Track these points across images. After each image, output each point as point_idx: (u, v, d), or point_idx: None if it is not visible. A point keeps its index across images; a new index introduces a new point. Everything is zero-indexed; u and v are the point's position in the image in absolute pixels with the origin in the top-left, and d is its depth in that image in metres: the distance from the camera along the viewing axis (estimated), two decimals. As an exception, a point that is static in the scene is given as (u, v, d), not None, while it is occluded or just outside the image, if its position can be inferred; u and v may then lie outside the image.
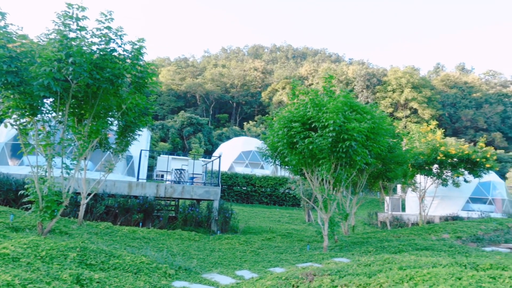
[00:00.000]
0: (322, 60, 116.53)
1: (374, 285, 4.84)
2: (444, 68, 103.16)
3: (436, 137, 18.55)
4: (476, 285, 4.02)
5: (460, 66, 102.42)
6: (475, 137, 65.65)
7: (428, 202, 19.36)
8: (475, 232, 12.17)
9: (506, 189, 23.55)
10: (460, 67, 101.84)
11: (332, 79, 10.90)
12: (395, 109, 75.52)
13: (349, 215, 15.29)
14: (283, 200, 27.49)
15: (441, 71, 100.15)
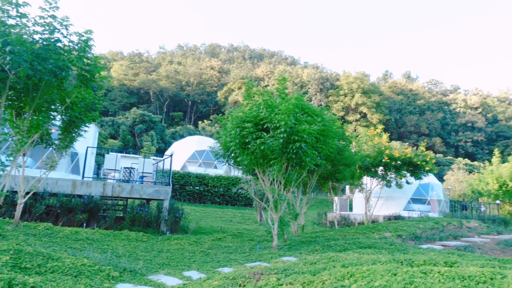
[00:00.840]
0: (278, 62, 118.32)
1: (318, 283, 4.99)
2: (392, 75, 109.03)
3: (382, 141, 19.51)
4: (409, 280, 4.27)
5: (406, 74, 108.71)
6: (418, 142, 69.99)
7: (373, 202, 20.32)
8: (414, 230, 12.96)
9: (443, 191, 25.34)
10: (406, 75, 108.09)
11: (285, 81, 11.08)
12: (346, 113, 78.57)
13: (299, 214, 15.66)
14: (236, 200, 27.53)
15: (389, 78, 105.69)
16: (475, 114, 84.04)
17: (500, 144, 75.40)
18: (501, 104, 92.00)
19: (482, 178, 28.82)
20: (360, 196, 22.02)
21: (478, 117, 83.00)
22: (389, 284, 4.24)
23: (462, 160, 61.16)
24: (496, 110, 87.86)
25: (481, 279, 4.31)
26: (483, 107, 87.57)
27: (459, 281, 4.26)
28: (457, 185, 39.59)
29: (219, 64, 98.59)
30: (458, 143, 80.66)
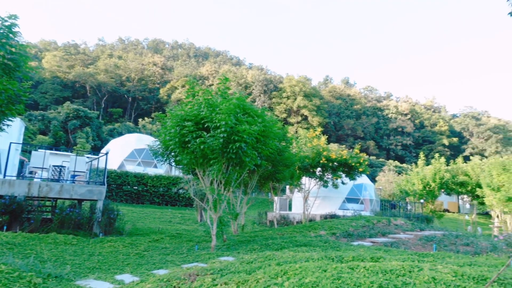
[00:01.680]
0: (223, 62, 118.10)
1: (252, 282, 5.05)
2: (332, 80, 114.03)
3: (320, 143, 20.31)
4: (337, 276, 4.48)
5: (345, 80, 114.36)
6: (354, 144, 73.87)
7: (311, 202, 21.06)
8: (347, 228, 13.65)
9: (375, 191, 27.02)
10: (345, 81, 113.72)
11: (227, 81, 11.08)
12: (289, 115, 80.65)
13: (239, 214, 15.74)
14: (176, 200, 26.96)
15: (330, 83, 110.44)
16: (405, 120, 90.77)
17: (426, 148, 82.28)
18: (427, 111, 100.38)
19: (409, 179, 31.20)
20: (299, 196, 22.70)
21: (407, 122, 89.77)
22: (319, 280, 4.41)
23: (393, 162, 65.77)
24: (423, 116, 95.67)
25: (401, 272, 4.65)
26: (412, 113, 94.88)
27: (382, 275, 4.55)
28: (387, 186, 42.43)
29: (162, 60, 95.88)
30: (389, 146, 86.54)
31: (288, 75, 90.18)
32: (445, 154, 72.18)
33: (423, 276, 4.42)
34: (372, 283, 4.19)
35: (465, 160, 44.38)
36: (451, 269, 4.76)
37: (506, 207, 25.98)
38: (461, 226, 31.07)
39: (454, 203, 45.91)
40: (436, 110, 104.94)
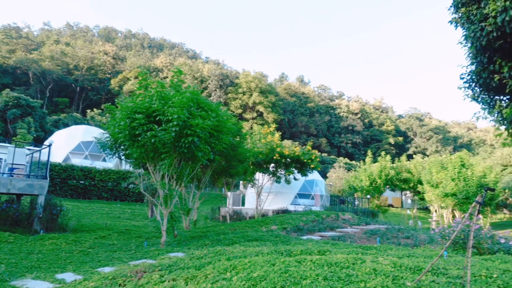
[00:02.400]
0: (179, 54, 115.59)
1: (201, 277, 5.01)
2: (288, 78, 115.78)
3: (274, 139, 20.56)
4: (284, 269, 4.57)
5: (300, 78, 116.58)
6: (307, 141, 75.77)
7: (264, 197, 21.31)
8: (298, 223, 13.97)
9: (325, 186, 27.89)
10: (300, 79, 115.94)
11: (181, 74, 10.85)
12: (244, 111, 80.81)
13: (192, 210, 15.56)
14: (126, 195, 26.06)
15: (285, 80, 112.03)
16: (355, 119, 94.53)
17: (374, 146, 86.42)
18: (376, 111, 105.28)
19: (357, 175, 32.59)
20: (252, 191, 22.85)
21: (358, 121, 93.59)
22: (267, 274, 4.47)
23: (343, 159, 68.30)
24: (371, 116, 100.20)
25: (345, 264, 4.84)
26: (362, 113, 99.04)
27: (327, 267, 4.71)
28: (337, 182, 44.01)
29: (114, 49, 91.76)
30: (340, 144, 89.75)
31: (245, 71, 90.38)
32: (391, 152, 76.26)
33: (365, 268, 4.63)
34: (318, 275, 4.32)
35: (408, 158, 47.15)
36: (391, 261, 5.04)
37: (443, 203, 27.98)
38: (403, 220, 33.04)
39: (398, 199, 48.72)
40: (384, 111, 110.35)
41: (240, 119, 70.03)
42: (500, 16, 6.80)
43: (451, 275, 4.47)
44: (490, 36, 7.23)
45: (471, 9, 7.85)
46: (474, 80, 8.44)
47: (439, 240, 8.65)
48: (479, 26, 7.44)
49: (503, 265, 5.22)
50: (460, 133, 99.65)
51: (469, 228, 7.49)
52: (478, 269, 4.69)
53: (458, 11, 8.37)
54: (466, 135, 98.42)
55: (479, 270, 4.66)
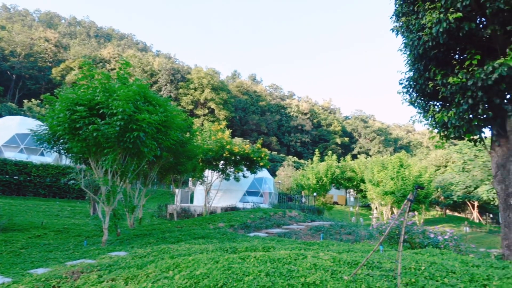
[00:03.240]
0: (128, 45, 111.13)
1: (142, 276, 4.87)
2: (240, 76, 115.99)
3: (224, 136, 20.50)
4: (228, 266, 4.58)
5: (252, 76, 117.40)
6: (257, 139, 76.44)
7: (213, 194, 21.19)
8: (245, 220, 14.07)
9: (274, 184, 28.37)
10: (252, 77, 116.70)
11: (128, 66, 10.44)
12: (195, 107, 79.71)
13: (137, 207, 15.06)
14: (66, 192, 24.58)
15: (237, 78, 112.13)
16: (304, 119, 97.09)
17: (321, 145, 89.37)
18: (324, 112, 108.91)
19: (305, 174, 33.54)
20: (201, 188, 22.64)
21: (307, 121, 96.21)
22: (210, 271, 4.45)
23: (292, 158, 69.86)
24: (320, 116, 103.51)
25: (287, 260, 4.95)
26: (311, 113, 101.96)
27: (270, 263, 4.79)
28: (286, 180, 44.94)
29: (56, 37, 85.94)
30: (290, 142, 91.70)
31: (197, 67, 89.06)
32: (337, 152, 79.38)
33: (306, 263, 4.78)
34: (260, 271, 4.38)
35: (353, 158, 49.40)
36: (330, 256, 5.24)
37: (383, 200, 29.68)
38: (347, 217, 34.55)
39: (343, 196, 50.84)
40: (332, 112, 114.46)
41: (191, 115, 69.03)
42: (435, 27, 7.33)
43: (384, 268, 4.75)
44: (426, 46, 7.77)
45: (410, 19, 8.38)
46: (411, 85, 9.03)
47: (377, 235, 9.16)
48: (417, 35, 7.97)
49: (431, 258, 5.65)
50: (400, 135, 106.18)
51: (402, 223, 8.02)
52: (408, 262, 5.03)
53: (399, 20, 8.89)
54: (405, 137, 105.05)
55: (409, 263, 5.00)
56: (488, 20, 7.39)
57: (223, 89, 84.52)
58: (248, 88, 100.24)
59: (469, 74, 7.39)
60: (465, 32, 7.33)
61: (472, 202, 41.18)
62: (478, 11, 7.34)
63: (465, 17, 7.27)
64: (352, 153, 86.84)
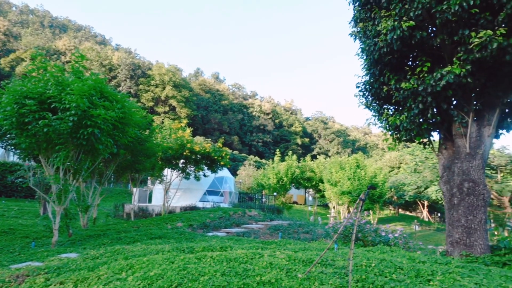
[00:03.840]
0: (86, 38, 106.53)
1: (93, 279, 4.68)
2: (203, 73, 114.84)
3: (185, 134, 20.18)
4: (183, 267, 4.52)
5: (215, 75, 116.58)
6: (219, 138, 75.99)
7: (172, 193, 20.81)
8: (205, 220, 13.95)
9: (234, 184, 28.36)
10: (215, 76, 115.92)
11: (83, 59, 10.01)
12: (156, 104, 77.90)
13: (91, 206, 14.47)
14: (13, 191, 23.15)
15: (200, 76, 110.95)
16: (266, 119, 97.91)
17: (282, 145, 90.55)
18: (286, 112, 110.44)
19: (265, 173, 33.82)
20: (160, 187, 22.16)
21: (269, 121, 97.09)
22: (165, 272, 4.37)
23: (253, 157, 70.19)
24: (282, 117, 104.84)
25: (243, 260, 4.97)
26: (273, 113, 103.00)
27: (226, 263, 4.79)
28: (247, 179, 45.08)
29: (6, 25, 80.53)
30: (251, 142, 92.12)
31: (158, 63, 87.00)
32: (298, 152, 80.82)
33: (262, 262, 4.82)
34: (216, 271, 4.36)
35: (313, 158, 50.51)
36: (286, 255, 5.32)
37: (340, 200, 30.59)
38: (305, 216, 35.27)
39: (302, 196, 51.84)
40: (294, 113, 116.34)
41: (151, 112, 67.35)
42: (390, 34, 7.66)
43: (337, 266, 4.90)
44: (381, 51, 8.11)
45: (367, 25, 8.70)
46: (367, 89, 9.38)
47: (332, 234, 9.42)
48: (373, 41, 8.29)
49: (381, 255, 5.90)
50: (358, 137, 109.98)
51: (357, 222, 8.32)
52: (360, 260, 5.22)
53: (357, 25, 9.21)
54: (363, 139, 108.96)
55: (361, 260, 5.19)
56: (438, 29, 7.83)
57: (185, 86, 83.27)
58: (211, 86, 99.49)
59: (420, 80, 7.80)
60: (417, 40, 7.73)
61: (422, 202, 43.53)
62: (429, 21, 7.76)
63: (417, 26, 7.66)
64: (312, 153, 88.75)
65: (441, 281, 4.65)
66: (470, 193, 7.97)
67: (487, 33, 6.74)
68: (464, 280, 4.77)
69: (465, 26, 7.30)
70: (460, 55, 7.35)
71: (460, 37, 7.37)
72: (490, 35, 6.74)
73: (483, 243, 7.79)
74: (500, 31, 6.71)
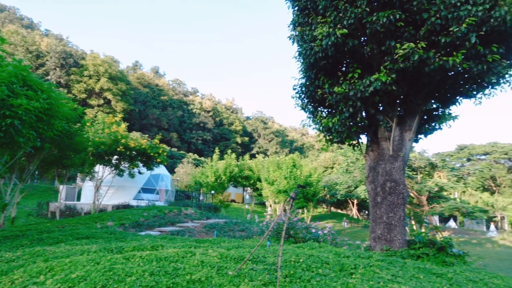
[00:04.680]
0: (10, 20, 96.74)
1: (6, 283, 4.29)
2: (142, 67, 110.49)
3: (119, 129, 19.28)
4: (109, 267, 4.32)
5: (155, 69, 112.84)
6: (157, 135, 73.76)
7: (104, 191, 19.79)
8: (138, 218, 13.46)
9: (171, 181, 27.75)
10: (154, 70, 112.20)
11: (3, 42, 9.09)
12: (89, 96, 73.40)
13: (9, 205, 13.25)
14: None
15: (139, 69, 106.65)
16: (207, 117, 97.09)
17: (222, 144, 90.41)
18: (226, 111, 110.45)
19: (204, 171, 33.53)
20: (90, 184, 20.96)
21: (209, 119, 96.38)
22: (88, 274, 4.15)
23: (192, 155, 69.17)
24: (223, 115, 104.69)
25: (174, 258, 4.89)
26: (214, 111, 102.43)
27: (156, 262, 4.67)
28: (185, 177, 44.32)
29: None
30: (191, 140, 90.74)
31: (93, 53, 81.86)
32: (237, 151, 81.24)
33: (193, 260, 4.78)
34: (144, 271, 4.24)
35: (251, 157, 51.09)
36: (219, 253, 5.34)
37: (277, 198, 31.34)
38: (243, 214, 35.62)
39: (240, 194, 52.25)
40: (234, 111, 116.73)
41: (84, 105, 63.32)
42: (325, 40, 8.02)
43: (268, 262, 5.02)
44: (317, 56, 8.46)
45: (305, 29, 9.02)
46: (303, 92, 9.73)
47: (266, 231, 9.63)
48: (310, 45, 8.62)
49: (310, 251, 6.17)
50: (296, 137, 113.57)
51: (290, 220, 8.61)
52: (290, 256, 5.41)
53: (296, 29, 9.50)
54: (300, 139, 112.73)
55: (290, 256, 5.37)
56: (368, 39, 8.36)
57: (122, 79, 79.49)
58: (150, 80, 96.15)
59: (351, 86, 8.27)
60: (350, 47, 8.19)
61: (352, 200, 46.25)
62: (361, 30, 8.26)
63: (350, 34, 8.11)
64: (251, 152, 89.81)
65: (362, 274, 4.98)
66: (392, 192, 8.64)
67: (410, 46, 7.35)
68: (382, 273, 5.16)
69: (392, 37, 7.90)
70: (387, 64, 7.92)
71: (387, 47, 7.95)
72: (413, 47, 7.36)
73: (402, 238, 8.49)
74: (421, 45, 7.36)
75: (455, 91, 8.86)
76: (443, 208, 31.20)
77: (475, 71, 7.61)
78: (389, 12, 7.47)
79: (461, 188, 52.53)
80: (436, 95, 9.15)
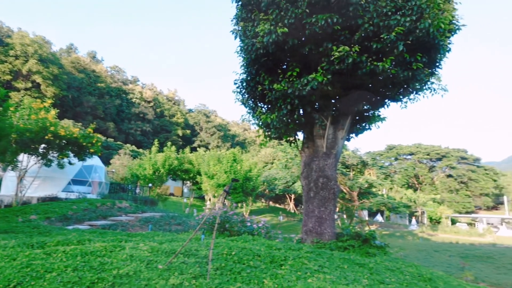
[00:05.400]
0: None
1: None
2: (77, 50, 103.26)
3: (48, 116, 17.89)
4: (27, 263, 4.04)
5: (92, 53, 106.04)
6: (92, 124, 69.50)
7: (28, 182, 18.29)
8: (66, 212, 12.67)
9: (105, 173, 26.43)
10: (91, 55, 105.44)
11: None
12: (15, 78, 67.07)
13: None
14: None
15: (74, 52, 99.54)
16: (147, 107, 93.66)
17: (163, 136, 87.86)
18: (168, 102, 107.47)
19: (141, 164, 32.39)
20: (12, 174, 19.22)
21: (150, 110, 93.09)
22: (2, 270, 3.84)
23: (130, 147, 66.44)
24: (164, 106, 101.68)
25: (101, 253, 4.70)
26: (154, 102, 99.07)
27: (81, 257, 4.45)
28: (121, 169, 42.43)
29: None
30: (129, 130, 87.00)
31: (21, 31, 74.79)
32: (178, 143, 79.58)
33: (122, 254, 4.63)
34: (67, 266, 4.02)
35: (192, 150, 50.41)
36: (150, 246, 5.23)
37: (216, 192, 31.30)
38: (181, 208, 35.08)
39: (179, 188, 51.33)
40: (176, 103, 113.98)
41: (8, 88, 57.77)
42: (266, 37, 8.15)
43: (200, 255, 5.03)
44: (258, 52, 8.57)
45: (248, 25, 9.08)
46: (244, 87, 9.81)
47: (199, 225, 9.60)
48: (252, 41, 8.70)
49: (243, 243, 6.28)
50: (238, 132, 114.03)
51: (226, 214, 8.67)
52: (222, 248, 5.46)
53: (238, 24, 9.53)
54: (242, 134, 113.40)
55: (223, 249, 5.43)
56: (307, 39, 8.64)
57: (54, 62, 73.70)
58: (86, 66, 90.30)
59: (290, 84, 8.51)
60: (290, 46, 8.40)
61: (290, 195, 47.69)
62: (301, 30, 8.50)
63: (291, 33, 8.32)
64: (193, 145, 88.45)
65: (291, 265, 5.19)
66: (324, 187, 9.08)
67: (345, 49, 7.74)
68: (310, 263, 5.42)
69: (329, 40, 8.25)
70: (324, 65, 8.27)
71: (324, 49, 8.29)
72: (348, 50, 7.76)
73: (331, 231, 8.96)
74: (355, 49, 7.78)
75: (384, 94, 9.51)
76: (372, 203, 33.45)
77: (401, 77, 8.24)
78: (328, 15, 7.79)
79: (389, 185, 56.62)
80: (367, 97, 9.75)
